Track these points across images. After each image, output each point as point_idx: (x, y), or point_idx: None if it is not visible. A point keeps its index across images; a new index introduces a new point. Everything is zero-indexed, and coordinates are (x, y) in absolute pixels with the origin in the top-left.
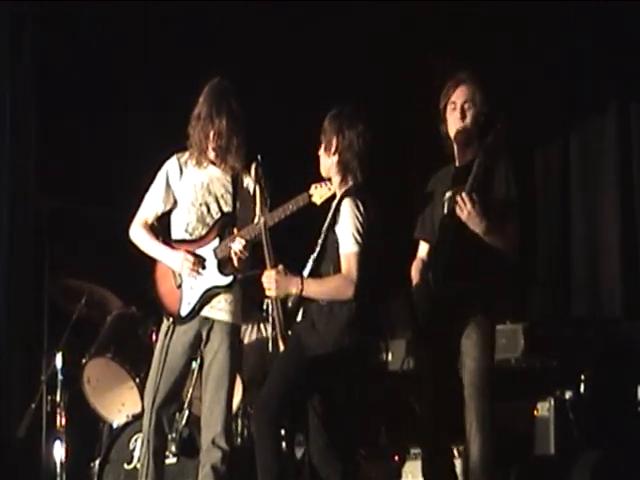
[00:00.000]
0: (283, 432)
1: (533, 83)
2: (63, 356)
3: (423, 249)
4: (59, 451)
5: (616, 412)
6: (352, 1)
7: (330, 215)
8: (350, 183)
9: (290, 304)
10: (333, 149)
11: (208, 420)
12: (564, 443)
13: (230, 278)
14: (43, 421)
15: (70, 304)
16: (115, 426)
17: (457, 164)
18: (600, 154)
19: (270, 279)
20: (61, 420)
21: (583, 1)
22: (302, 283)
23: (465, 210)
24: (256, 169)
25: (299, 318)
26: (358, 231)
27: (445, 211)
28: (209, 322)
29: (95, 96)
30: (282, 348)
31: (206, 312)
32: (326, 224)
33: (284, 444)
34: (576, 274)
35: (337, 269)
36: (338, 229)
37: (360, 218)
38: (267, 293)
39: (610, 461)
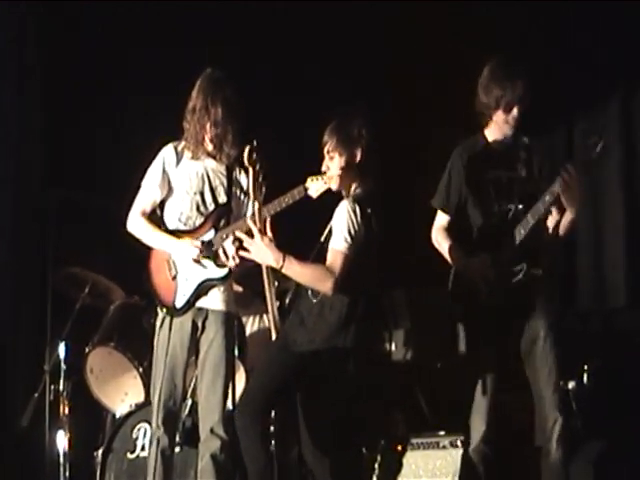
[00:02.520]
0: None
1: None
2: (66, 345)
3: (443, 218)
4: (62, 440)
5: (619, 402)
6: None
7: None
8: (358, 190)
9: (288, 301)
10: (340, 156)
11: (205, 410)
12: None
13: (226, 270)
14: (46, 410)
15: (74, 292)
16: (118, 415)
17: (490, 139)
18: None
19: (254, 243)
20: (64, 409)
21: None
22: (284, 259)
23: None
24: (249, 153)
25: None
26: (350, 232)
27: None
28: (204, 312)
29: (98, 88)
30: (274, 337)
31: (200, 302)
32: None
33: (273, 443)
34: (580, 264)
35: None
36: (333, 227)
37: (355, 222)
38: (246, 254)
39: (612, 452)
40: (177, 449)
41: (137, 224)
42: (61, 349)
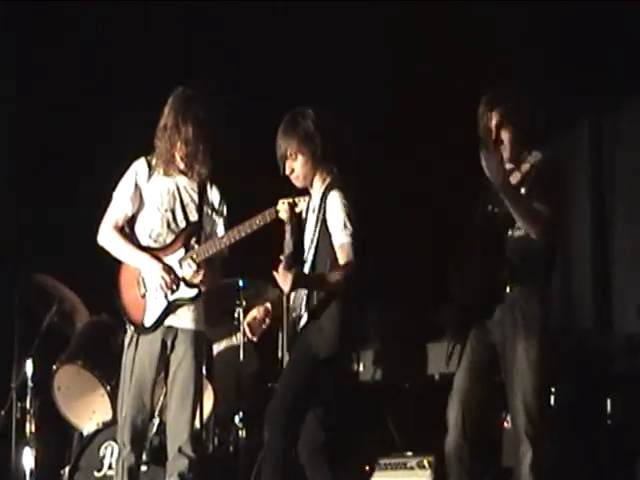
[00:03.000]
0: None
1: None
2: (34, 363)
3: None
4: (29, 458)
5: (586, 425)
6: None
7: (318, 210)
8: (328, 178)
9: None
10: (302, 154)
11: (174, 428)
12: None
13: (195, 291)
14: (13, 427)
15: (42, 308)
16: (85, 433)
17: None
18: (572, 171)
19: (285, 277)
20: (31, 427)
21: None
22: (310, 281)
23: None
24: (290, 208)
25: (304, 319)
26: (349, 220)
27: None
28: (173, 330)
29: (73, 102)
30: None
31: (169, 321)
32: (315, 221)
33: None
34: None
35: (334, 261)
36: (330, 222)
37: (349, 209)
38: (282, 288)
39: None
40: (144, 468)
41: (108, 237)
42: (28, 366)
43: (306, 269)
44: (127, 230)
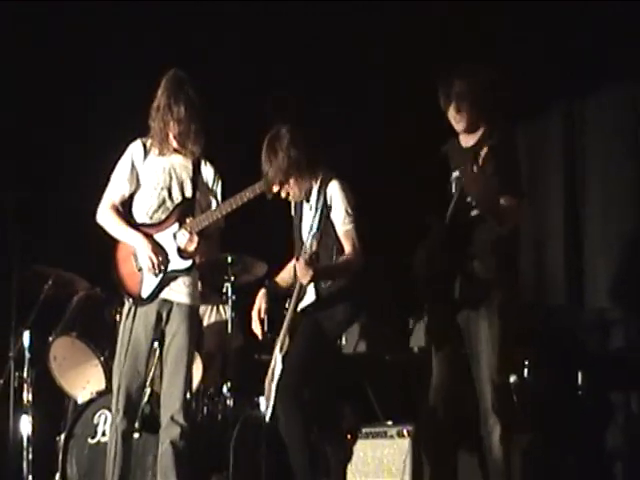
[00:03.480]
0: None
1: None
2: (30, 334)
3: None
4: (26, 425)
5: (558, 396)
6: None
7: (316, 202)
8: (320, 175)
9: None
10: (292, 177)
11: (167, 398)
12: None
13: (189, 262)
14: (11, 396)
15: (38, 286)
16: (80, 402)
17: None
18: (545, 155)
19: (306, 271)
20: (28, 396)
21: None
22: (327, 273)
23: None
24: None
25: (311, 298)
26: (350, 207)
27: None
28: (169, 304)
29: (59, 81)
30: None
31: (166, 294)
32: (315, 211)
33: None
34: (523, 264)
35: (339, 248)
36: (333, 211)
37: (350, 195)
38: (301, 281)
39: (549, 443)
40: (136, 435)
41: (106, 216)
42: (25, 337)
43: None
44: (121, 209)
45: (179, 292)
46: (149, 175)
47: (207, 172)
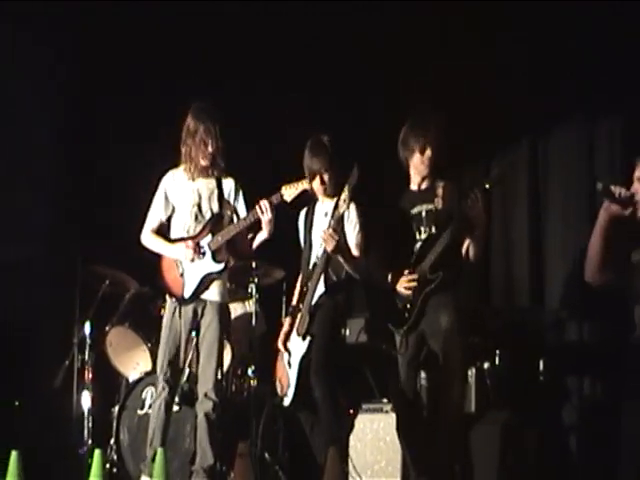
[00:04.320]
0: None
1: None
2: (91, 324)
3: None
4: (86, 399)
5: (522, 380)
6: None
7: (332, 216)
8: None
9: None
10: (328, 173)
11: (202, 378)
12: (482, 404)
13: (222, 265)
14: (74, 375)
15: (97, 284)
16: (131, 380)
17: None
18: (514, 179)
19: (331, 236)
20: (88, 375)
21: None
22: (345, 250)
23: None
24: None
25: (320, 293)
26: (360, 219)
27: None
28: (203, 302)
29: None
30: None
31: (202, 294)
32: (330, 216)
33: None
34: (493, 271)
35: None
36: (348, 222)
37: (362, 216)
38: (327, 248)
39: (517, 418)
40: (177, 408)
41: (148, 239)
42: (87, 327)
43: (316, 260)
44: (159, 231)
45: (212, 292)
46: (181, 199)
47: (228, 187)
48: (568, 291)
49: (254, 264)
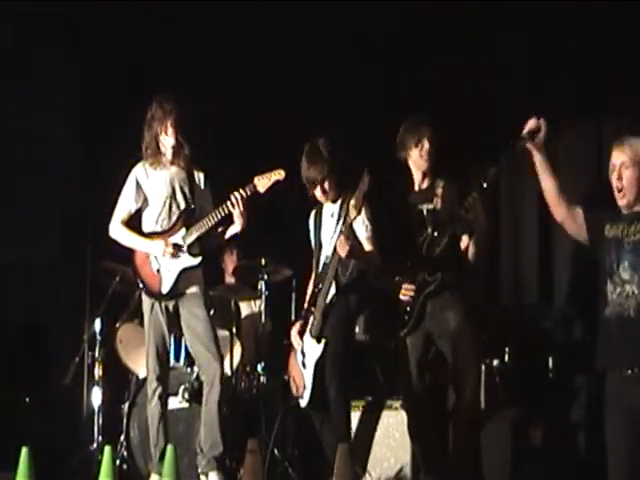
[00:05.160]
0: None
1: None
2: (101, 321)
3: None
4: (97, 395)
5: (531, 377)
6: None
7: (338, 216)
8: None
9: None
10: (330, 178)
11: (207, 369)
12: (491, 401)
13: (199, 258)
14: (85, 371)
15: (107, 281)
16: (141, 377)
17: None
18: (522, 177)
19: (344, 243)
20: (99, 371)
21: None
22: (358, 251)
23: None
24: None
25: (333, 293)
26: (370, 222)
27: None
28: (183, 295)
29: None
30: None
31: (181, 288)
32: (337, 223)
33: None
34: (503, 269)
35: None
36: (357, 222)
37: (369, 212)
38: (341, 253)
39: (526, 416)
40: (186, 405)
41: (118, 231)
42: (97, 324)
43: (326, 261)
44: (129, 223)
45: (192, 284)
46: (154, 189)
47: (199, 179)
48: (576, 289)
49: (263, 261)
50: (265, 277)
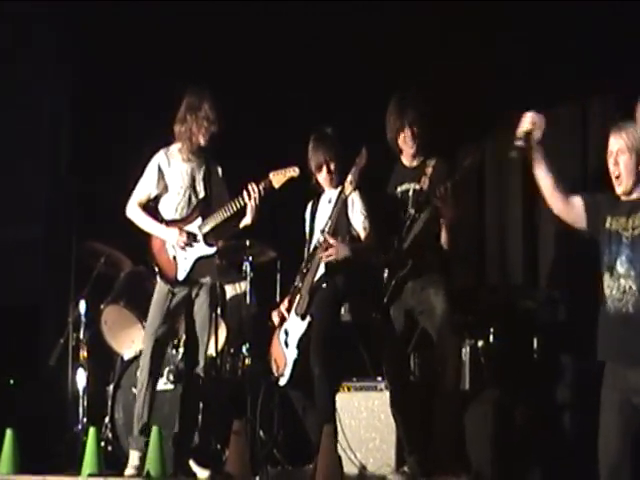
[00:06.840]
0: None
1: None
2: (86, 303)
3: None
4: (82, 377)
5: (516, 357)
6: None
7: (335, 204)
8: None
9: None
10: (334, 163)
11: (192, 357)
12: (476, 382)
13: (214, 248)
14: (69, 353)
15: (92, 262)
16: (126, 358)
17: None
18: (510, 163)
19: (342, 247)
20: (83, 353)
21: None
22: (354, 250)
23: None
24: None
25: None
26: (366, 211)
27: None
28: (196, 283)
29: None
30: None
31: (195, 275)
32: (332, 210)
33: None
34: (489, 251)
35: (351, 237)
36: (354, 212)
37: (364, 201)
38: (330, 259)
39: (509, 396)
40: (171, 386)
41: (134, 212)
42: (82, 306)
43: (317, 244)
44: (146, 207)
45: (205, 273)
46: (175, 178)
47: (218, 170)
48: (561, 270)
49: (248, 242)
50: (250, 258)
